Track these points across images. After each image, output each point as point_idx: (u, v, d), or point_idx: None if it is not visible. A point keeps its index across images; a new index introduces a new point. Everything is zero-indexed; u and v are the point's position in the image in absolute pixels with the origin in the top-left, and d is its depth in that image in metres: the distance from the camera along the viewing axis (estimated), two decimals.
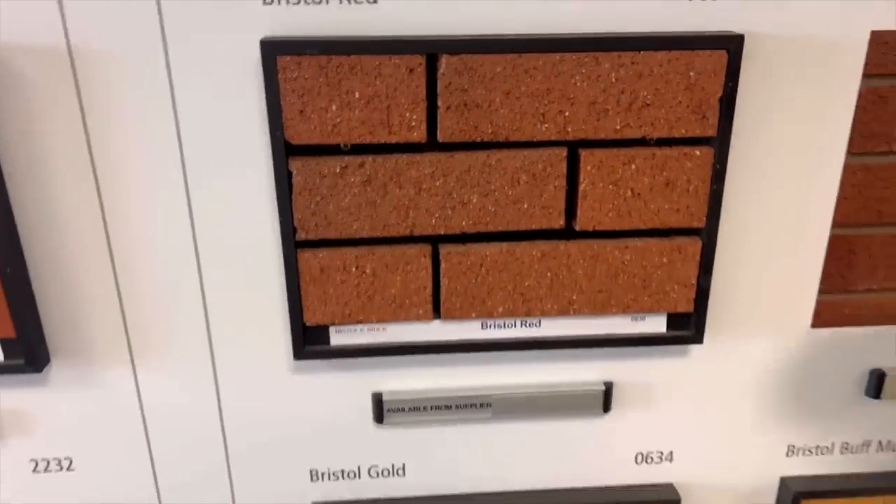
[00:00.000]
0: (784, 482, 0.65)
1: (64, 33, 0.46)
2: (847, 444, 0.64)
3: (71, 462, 0.59)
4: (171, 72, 0.48)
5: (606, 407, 0.60)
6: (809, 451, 0.65)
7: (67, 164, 0.50)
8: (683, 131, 0.50)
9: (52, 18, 0.46)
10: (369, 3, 0.47)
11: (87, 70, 0.47)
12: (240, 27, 0.47)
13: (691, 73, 0.49)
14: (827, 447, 0.65)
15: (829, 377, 0.62)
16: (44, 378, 0.56)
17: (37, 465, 0.59)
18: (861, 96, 0.52)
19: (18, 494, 0.60)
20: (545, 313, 0.55)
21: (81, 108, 0.48)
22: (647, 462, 0.64)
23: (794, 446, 0.64)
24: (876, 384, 0.62)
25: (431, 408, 0.59)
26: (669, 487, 0.64)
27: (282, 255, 0.52)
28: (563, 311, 0.55)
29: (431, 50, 0.47)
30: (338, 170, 0.50)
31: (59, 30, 0.46)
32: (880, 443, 0.65)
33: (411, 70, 0.47)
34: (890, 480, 0.65)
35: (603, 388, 0.59)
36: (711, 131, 0.50)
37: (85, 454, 0.59)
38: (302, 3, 0.47)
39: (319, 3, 0.47)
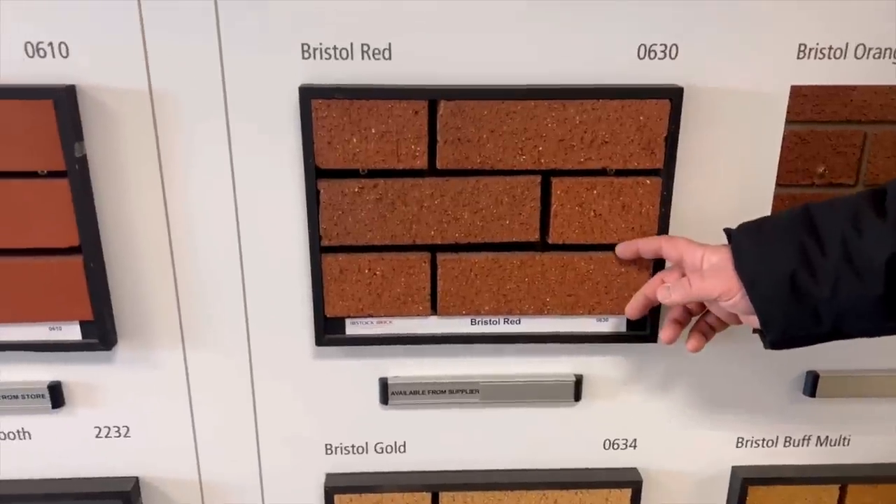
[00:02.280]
0: (734, 470, 0.75)
1: (147, 77, 0.59)
2: (790, 437, 0.74)
3: (128, 429, 0.71)
4: (228, 108, 0.61)
5: (577, 396, 0.71)
6: (757, 443, 0.75)
7: (142, 181, 0.62)
8: (636, 164, 0.62)
9: (138, 64, 0.59)
10: (384, 59, 0.60)
11: (162, 107, 0.60)
12: (283, 76, 0.60)
13: (641, 118, 0.61)
14: (772, 440, 0.74)
15: (771, 377, 0.72)
16: (111, 356, 0.68)
17: (99, 431, 0.71)
18: (785, 138, 0.63)
19: (82, 456, 0.72)
20: (524, 312, 0.67)
21: (157, 137, 0.61)
22: (613, 448, 0.74)
23: (743, 438, 0.74)
24: (812, 384, 0.72)
25: (429, 392, 0.70)
26: (633, 471, 0.74)
27: (309, 257, 0.64)
28: (539, 311, 0.67)
29: (432, 97, 0.60)
30: (356, 189, 0.62)
31: (144, 75, 0.59)
32: (818, 438, 0.74)
33: (416, 112, 0.60)
34: (826, 471, 0.74)
35: (574, 379, 0.70)
36: (659, 164, 0.62)
37: (140, 423, 0.71)
38: (332, 58, 0.60)
39: (346, 58, 0.60)
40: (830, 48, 0.61)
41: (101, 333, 0.65)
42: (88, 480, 0.72)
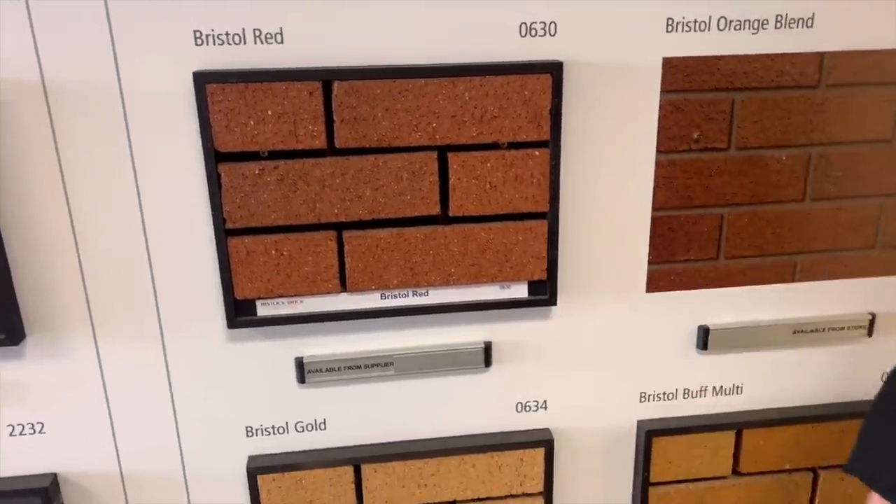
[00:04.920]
0: (640, 424, 0.80)
1: (39, 69, 0.60)
2: (688, 389, 0.79)
3: (43, 426, 0.71)
4: (124, 97, 0.61)
5: (487, 362, 0.74)
6: (658, 397, 0.79)
7: (40, 174, 0.63)
8: (525, 137, 0.66)
9: (28, 56, 0.59)
10: (277, 43, 0.62)
11: (56, 98, 0.61)
12: (177, 63, 0.61)
13: (526, 92, 0.64)
14: (672, 393, 0.79)
15: (665, 334, 0.77)
16: (20, 352, 0.68)
17: (13, 429, 0.70)
18: (661, 107, 0.68)
19: None
20: (431, 284, 0.70)
21: (53, 130, 0.62)
22: (525, 410, 0.78)
23: (645, 393, 0.79)
24: (703, 338, 0.77)
25: (344, 368, 0.72)
26: (545, 431, 0.78)
27: (214, 241, 0.65)
28: (445, 282, 0.70)
29: (326, 77, 0.62)
30: (257, 171, 0.64)
31: (35, 66, 0.60)
32: (713, 388, 0.80)
33: (311, 93, 0.62)
34: (722, 419, 0.80)
35: (482, 345, 0.74)
36: (546, 136, 0.66)
37: (55, 418, 0.71)
38: (224, 44, 0.61)
39: (239, 44, 0.61)
40: (696, 21, 0.66)
41: (7, 329, 0.65)
42: (4, 480, 0.71)
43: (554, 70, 0.64)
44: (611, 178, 0.70)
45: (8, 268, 0.64)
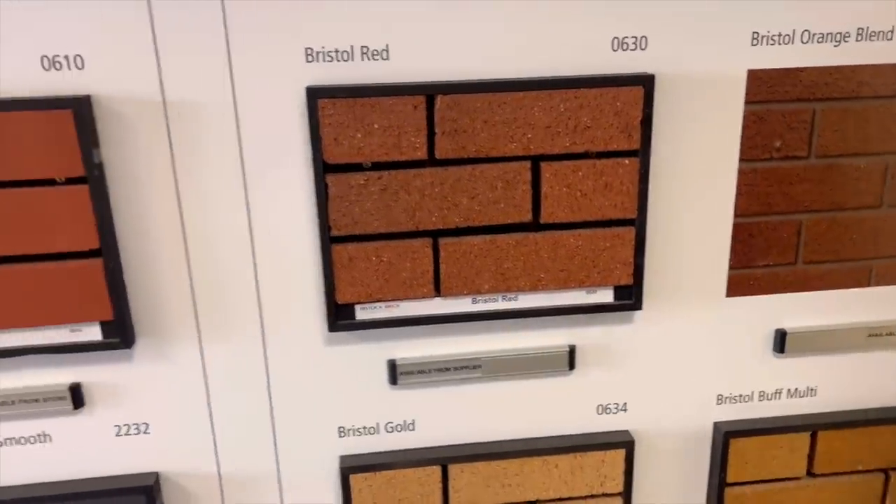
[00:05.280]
0: (717, 426, 0.82)
1: (160, 86, 0.63)
2: (763, 392, 0.81)
3: (147, 426, 0.74)
4: (238, 111, 0.65)
5: (571, 365, 0.77)
6: (734, 399, 0.81)
7: (156, 184, 0.66)
8: (615, 146, 0.68)
9: (151, 74, 0.63)
10: (383, 59, 0.65)
11: (174, 111, 0.64)
12: (290, 78, 0.64)
13: (618, 104, 0.67)
14: (748, 395, 0.81)
15: (743, 337, 0.79)
16: (130, 354, 0.71)
17: (119, 429, 0.74)
18: (745, 117, 0.71)
19: (103, 456, 0.74)
20: (520, 289, 0.72)
21: (170, 142, 0.65)
22: (606, 412, 0.80)
23: (722, 396, 0.81)
24: (780, 341, 0.79)
25: (434, 370, 0.75)
26: (625, 433, 0.80)
27: (320, 248, 0.68)
28: (534, 287, 0.72)
29: (430, 92, 0.65)
30: (362, 182, 0.67)
31: (157, 83, 0.63)
32: (788, 390, 0.82)
33: (415, 107, 0.65)
34: (798, 420, 0.82)
35: (567, 349, 0.76)
36: (636, 146, 0.68)
37: (159, 419, 0.74)
38: (334, 61, 0.64)
39: (347, 60, 0.64)
40: (780, 34, 0.68)
41: (121, 333, 0.68)
42: (109, 479, 0.74)
43: (646, 82, 0.67)
44: (695, 186, 0.72)
45: (122, 275, 0.67)
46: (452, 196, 0.68)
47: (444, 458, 0.78)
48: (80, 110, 0.61)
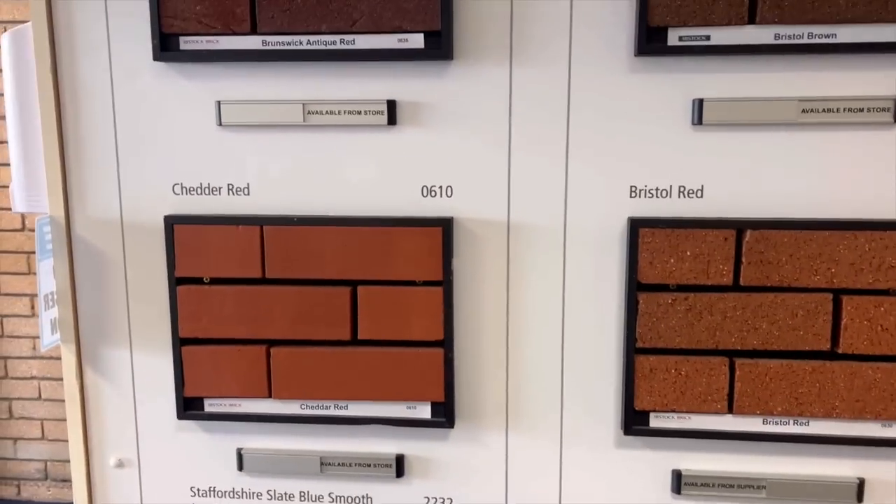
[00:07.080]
0: None
1: (507, 212, 0.78)
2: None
3: (451, 501, 0.84)
4: (567, 236, 0.77)
5: (860, 498, 0.77)
6: None
7: (492, 290, 0.79)
8: None
9: (500, 202, 0.77)
10: (697, 197, 0.75)
11: (515, 233, 0.78)
12: (613, 210, 0.76)
13: None
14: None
15: None
16: (448, 434, 0.82)
17: (428, 500, 0.84)
18: None
19: None
20: (813, 415, 0.75)
21: (508, 258, 0.78)
22: None
23: None
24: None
25: (719, 485, 0.79)
26: None
27: (624, 357, 0.77)
28: (828, 415, 0.75)
29: (740, 226, 0.73)
30: (670, 301, 0.75)
31: (504, 209, 0.77)
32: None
33: (726, 239, 0.73)
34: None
35: (857, 482, 0.77)
36: None
37: (461, 496, 0.83)
38: (654, 197, 0.75)
39: (665, 197, 0.75)
40: None
41: (447, 414, 0.80)
42: None
43: None
44: None
45: (454, 365, 0.80)
46: (753, 320, 0.75)
47: None
48: (447, 228, 0.77)
